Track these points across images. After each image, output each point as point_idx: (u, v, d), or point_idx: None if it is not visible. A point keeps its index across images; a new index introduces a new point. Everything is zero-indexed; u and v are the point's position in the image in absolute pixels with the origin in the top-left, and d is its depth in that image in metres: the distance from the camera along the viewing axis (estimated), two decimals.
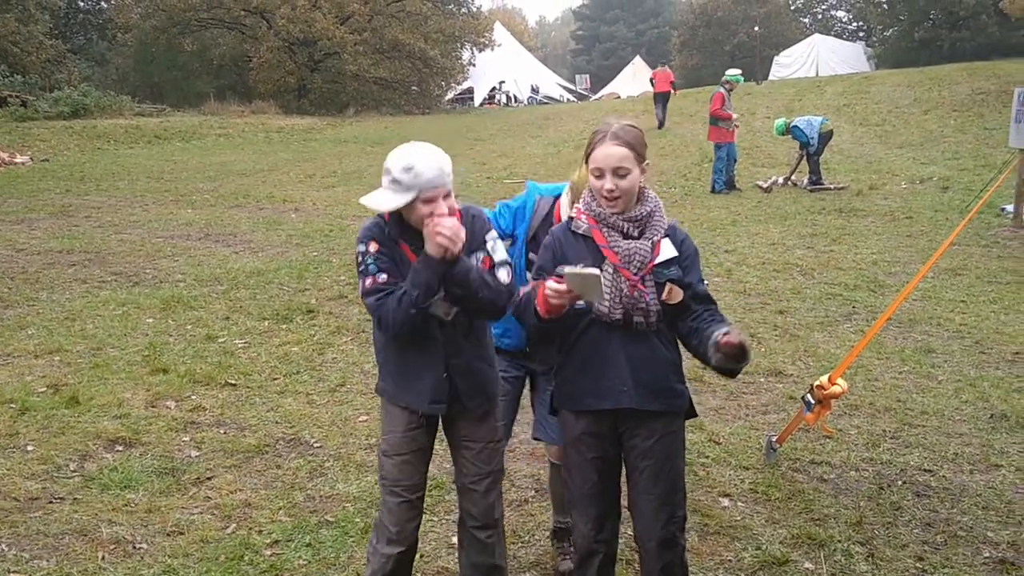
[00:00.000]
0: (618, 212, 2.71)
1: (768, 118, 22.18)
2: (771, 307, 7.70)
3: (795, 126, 14.61)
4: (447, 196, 2.69)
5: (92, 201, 13.50)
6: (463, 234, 2.64)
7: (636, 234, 2.72)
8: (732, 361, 2.56)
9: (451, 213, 2.69)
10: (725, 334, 2.54)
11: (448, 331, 2.82)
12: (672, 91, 24.23)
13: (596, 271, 2.50)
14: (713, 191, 14.59)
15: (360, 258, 2.79)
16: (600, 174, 2.68)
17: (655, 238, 2.71)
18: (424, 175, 2.61)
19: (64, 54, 34.36)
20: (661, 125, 23.77)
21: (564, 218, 3.12)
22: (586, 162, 2.75)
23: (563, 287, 2.50)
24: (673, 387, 2.76)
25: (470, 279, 2.67)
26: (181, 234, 11.09)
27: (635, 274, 2.66)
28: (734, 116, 14.81)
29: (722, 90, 14.94)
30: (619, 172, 2.66)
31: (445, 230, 2.57)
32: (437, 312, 2.76)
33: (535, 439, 3.70)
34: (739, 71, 16.01)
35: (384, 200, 2.67)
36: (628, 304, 2.66)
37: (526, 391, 3.66)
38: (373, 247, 2.77)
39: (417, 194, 2.62)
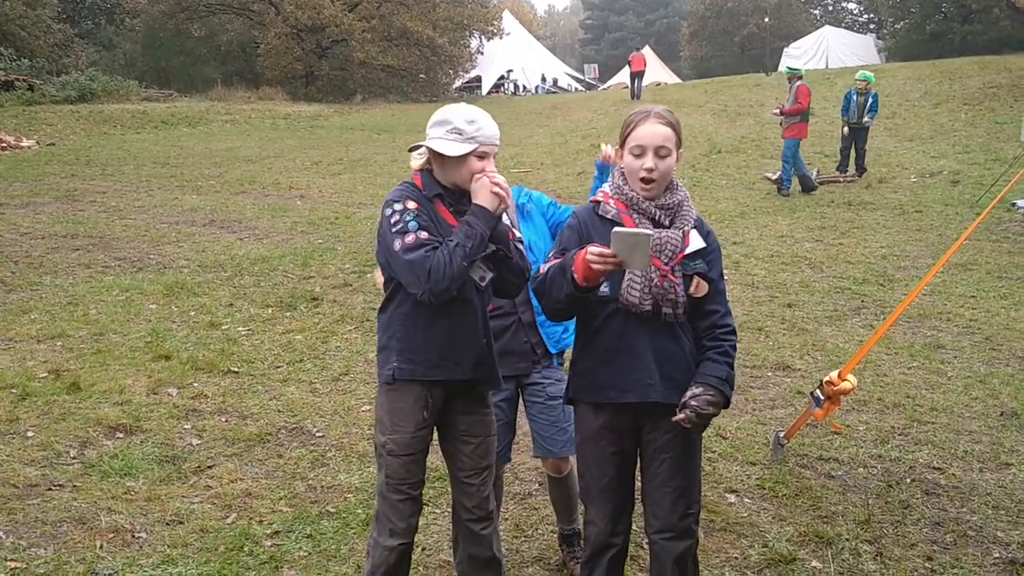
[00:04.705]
0: (650, 196, 2.65)
1: (776, 112, 22.00)
2: (779, 300, 7.64)
3: (851, 95, 14.21)
4: (494, 157, 2.80)
5: (97, 186, 13.46)
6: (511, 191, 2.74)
7: (667, 223, 2.67)
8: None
9: None
10: (684, 405, 2.53)
11: (481, 301, 2.82)
12: (644, 71, 29.80)
13: (648, 231, 2.43)
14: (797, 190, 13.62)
15: (398, 216, 2.68)
16: (641, 152, 2.63)
17: (685, 228, 2.66)
18: (485, 130, 2.73)
19: (72, 38, 34.21)
20: (634, 96, 28.45)
21: None
22: (622, 143, 2.70)
23: (608, 250, 2.41)
24: None
25: (510, 240, 2.76)
26: (186, 220, 11.05)
27: (666, 264, 2.60)
28: (774, 111, 13.92)
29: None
30: (660, 152, 2.62)
31: (501, 181, 2.67)
32: (474, 275, 2.73)
33: (536, 457, 3.59)
34: (798, 66, 15.04)
35: (447, 146, 2.71)
36: (658, 294, 2.59)
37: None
38: (412, 204, 2.72)
39: (477, 147, 2.71)
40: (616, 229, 2.40)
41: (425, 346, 2.75)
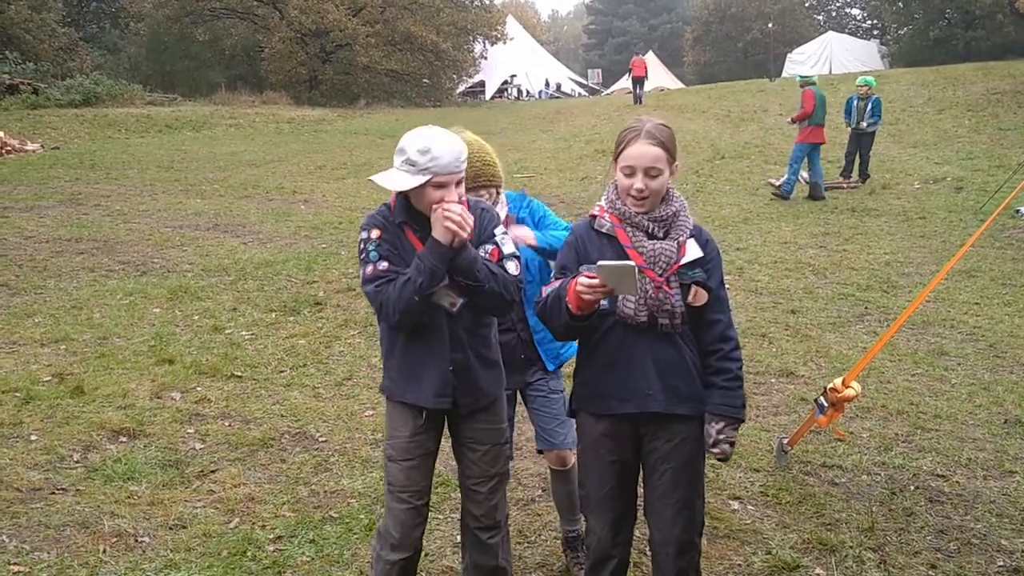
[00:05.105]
0: (644, 212, 2.65)
1: (780, 115, 22.07)
2: (783, 306, 7.63)
3: (852, 100, 14.42)
4: (459, 184, 2.67)
5: (102, 189, 13.48)
6: (471, 220, 2.62)
7: (661, 234, 2.67)
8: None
9: (460, 202, 2.66)
10: (715, 443, 2.65)
11: (453, 325, 2.76)
12: (645, 76, 30.09)
13: (631, 263, 2.43)
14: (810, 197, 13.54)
15: (362, 246, 2.72)
16: (631, 172, 2.62)
17: (681, 238, 2.66)
18: (440, 159, 2.59)
19: (76, 42, 34.28)
20: (637, 101, 29.06)
21: None
22: (615, 159, 2.69)
23: (595, 281, 2.42)
24: (699, 390, 2.70)
25: (475, 268, 2.64)
26: (190, 224, 11.06)
27: (660, 275, 2.61)
28: (788, 120, 14.78)
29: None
30: (650, 172, 2.61)
31: (454, 215, 2.55)
32: (442, 303, 2.70)
33: (540, 452, 3.60)
34: (802, 72, 15.65)
35: (396, 180, 2.62)
36: (653, 306, 2.60)
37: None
38: (375, 234, 2.71)
39: (431, 178, 2.60)
40: (600, 263, 2.41)
41: (397, 366, 2.81)
